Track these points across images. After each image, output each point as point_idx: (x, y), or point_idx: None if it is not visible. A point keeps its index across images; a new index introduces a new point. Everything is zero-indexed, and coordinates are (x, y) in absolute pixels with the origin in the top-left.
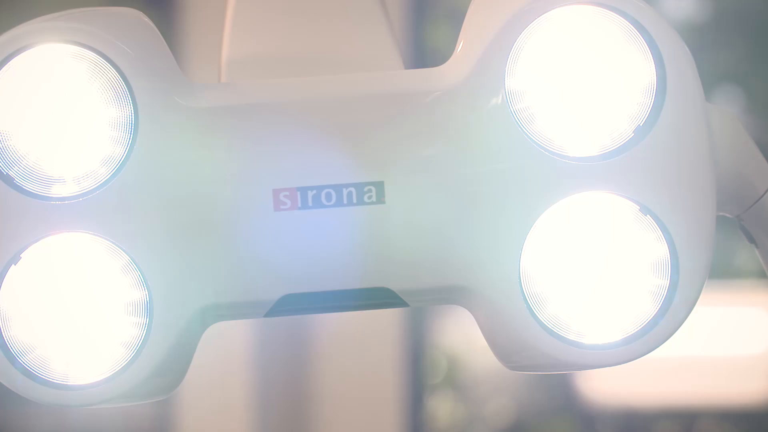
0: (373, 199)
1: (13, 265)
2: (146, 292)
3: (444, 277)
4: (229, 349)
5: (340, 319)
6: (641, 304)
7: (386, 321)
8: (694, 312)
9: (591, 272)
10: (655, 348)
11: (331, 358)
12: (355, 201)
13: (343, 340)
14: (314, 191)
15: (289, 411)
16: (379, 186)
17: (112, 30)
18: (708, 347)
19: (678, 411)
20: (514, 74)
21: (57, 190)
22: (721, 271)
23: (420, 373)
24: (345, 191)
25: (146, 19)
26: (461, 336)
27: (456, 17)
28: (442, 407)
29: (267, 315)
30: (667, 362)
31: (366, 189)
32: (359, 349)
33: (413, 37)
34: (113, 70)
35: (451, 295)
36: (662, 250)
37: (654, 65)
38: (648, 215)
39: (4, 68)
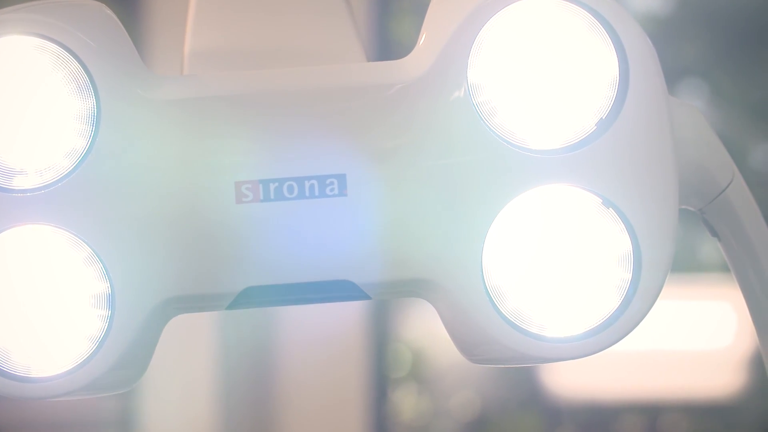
0: (335, 191)
1: None
2: (108, 285)
3: (406, 270)
4: (193, 341)
5: (304, 312)
6: (604, 297)
7: (351, 314)
8: (659, 306)
9: (553, 265)
10: (618, 341)
11: (295, 351)
12: (317, 193)
13: (307, 334)
14: (276, 184)
15: (253, 403)
16: (341, 179)
17: (74, 22)
18: (673, 341)
19: (642, 405)
20: (476, 67)
21: (19, 183)
22: (687, 264)
23: (384, 366)
24: (307, 184)
25: (109, 11)
26: (426, 329)
27: (420, 10)
28: (406, 400)
29: (229, 307)
30: (631, 356)
31: (328, 182)
32: (323, 343)
33: (377, 30)
34: (75, 62)
35: (413, 288)
36: (624, 243)
37: (616, 58)
38: (610, 208)
39: None
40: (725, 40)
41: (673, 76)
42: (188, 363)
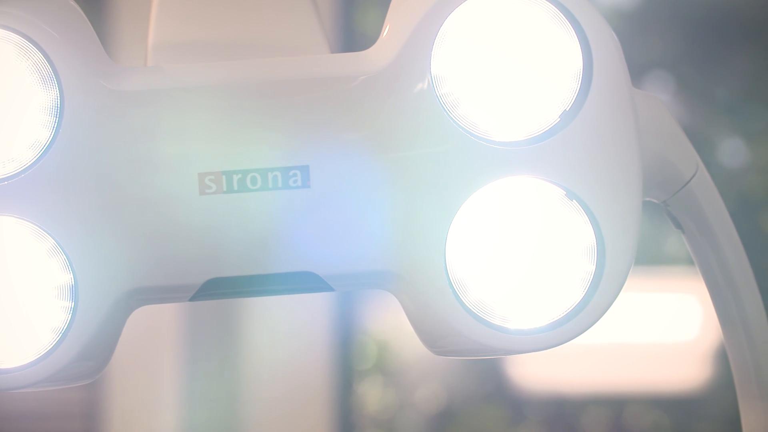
0: (299, 183)
1: None
2: (72, 276)
3: (369, 262)
4: (157, 333)
5: (269, 305)
6: (567, 289)
7: (316, 306)
8: (625, 299)
9: (517, 257)
10: (581, 333)
11: (260, 343)
12: (280, 185)
13: (273, 326)
14: (239, 175)
15: (218, 395)
16: (305, 170)
17: (37, 13)
18: (638, 334)
19: (608, 397)
20: (440, 59)
21: None
22: (653, 257)
23: (349, 358)
24: (270, 175)
25: (73, 2)
26: (392, 322)
27: (384, 2)
28: (371, 393)
29: (192, 299)
30: (597, 349)
31: (291, 173)
32: (289, 335)
33: (342, 22)
34: (39, 54)
35: (376, 279)
36: (588, 235)
37: (580, 50)
38: (574, 200)
39: None
40: (691, 34)
41: (640, 70)
42: (153, 355)
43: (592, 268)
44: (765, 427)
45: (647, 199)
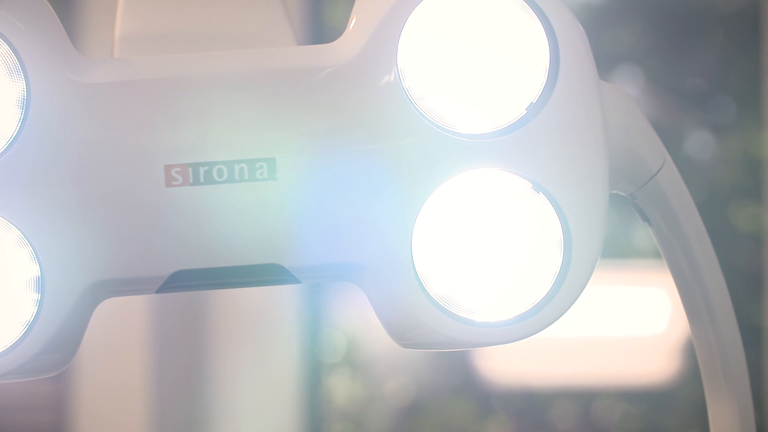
0: (265, 175)
1: None
2: (38, 268)
3: (335, 254)
4: (126, 325)
5: (237, 297)
6: (534, 281)
7: (285, 299)
8: (595, 292)
9: (483, 249)
10: (548, 326)
11: (229, 336)
12: (246, 177)
13: (241, 319)
14: (206, 167)
15: (187, 388)
16: (271, 162)
17: (3, 5)
18: (608, 327)
19: (576, 390)
20: (406, 51)
21: None
22: (622, 251)
23: (318, 351)
24: (237, 167)
25: None
26: (360, 315)
27: None
28: (340, 386)
29: (159, 291)
30: (566, 342)
31: (258, 165)
32: (257, 328)
33: (310, 15)
34: (5, 45)
35: (342, 272)
36: (555, 228)
37: (547, 43)
38: (540, 192)
39: None
40: (660, 27)
41: (609, 64)
42: (121, 347)
43: (559, 260)
44: (732, 419)
45: (614, 191)
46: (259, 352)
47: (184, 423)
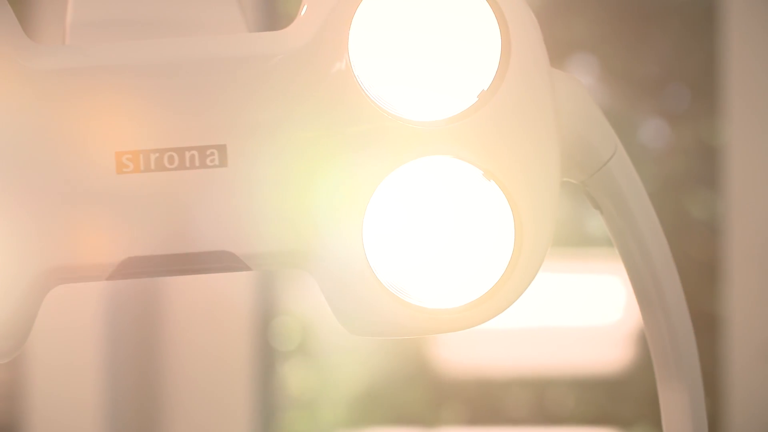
0: (216, 162)
1: None
2: None
3: (286, 242)
4: (78, 312)
5: (190, 285)
6: (485, 269)
7: (239, 287)
8: (549, 281)
9: (434, 237)
10: (499, 314)
11: (182, 323)
12: (197, 164)
13: (194, 306)
14: (157, 154)
15: (140, 375)
16: (222, 149)
17: None
18: (562, 316)
19: (530, 379)
20: (358, 38)
21: None
22: (578, 239)
23: (272, 339)
24: (187, 154)
25: None
26: (315, 303)
27: None
28: (294, 374)
29: (109, 278)
30: (520, 332)
31: (209, 152)
32: (210, 316)
33: (262, 1)
34: None
35: (293, 259)
36: (506, 216)
37: (498, 30)
38: (492, 180)
39: None
40: (614, 15)
41: (563, 52)
42: (74, 334)
43: (510, 248)
44: (682, 408)
45: (565, 179)
46: (213, 339)
47: (138, 410)
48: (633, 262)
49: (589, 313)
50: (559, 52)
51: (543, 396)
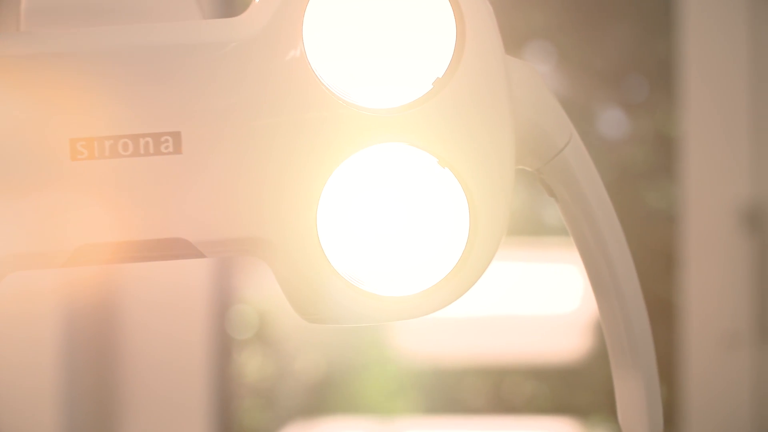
0: (170, 149)
1: None
2: None
3: (240, 229)
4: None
5: (147, 272)
6: (440, 257)
7: (195, 275)
8: (506, 269)
9: (389, 224)
10: (453, 301)
11: (138, 311)
12: (152, 151)
13: (151, 295)
14: (111, 141)
15: (96, 364)
16: (176, 137)
17: None
18: (519, 305)
19: (488, 368)
20: (312, 25)
21: None
22: (536, 227)
23: (228, 328)
24: (142, 141)
25: None
26: (272, 291)
27: None
28: (251, 362)
29: (64, 265)
30: (478, 321)
31: (163, 139)
32: (167, 304)
33: None
34: None
35: (248, 246)
36: (460, 203)
37: (453, 17)
38: (446, 167)
39: None
40: (572, 4)
41: (521, 40)
42: (29, 321)
43: (464, 236)
44: (638, 396)
45: (520, 166)
46: (170, 327)
47: (94, 397)
48: (588, 250)
49: (546, 303)
50: (517, 41)
51: (500, 385)
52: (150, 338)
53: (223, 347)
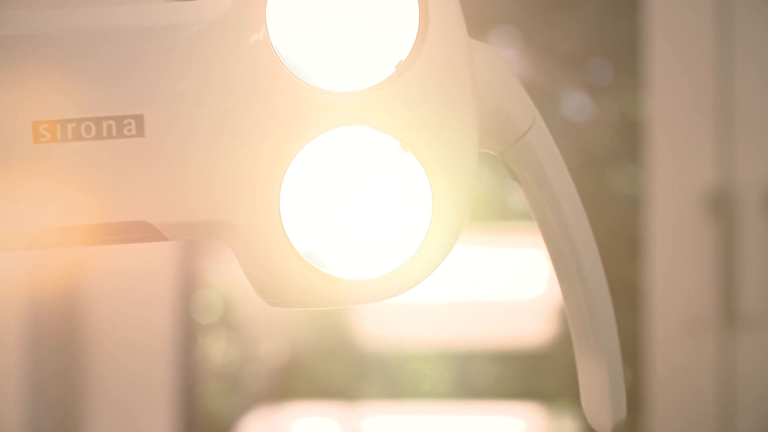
0: (133, 132)
1: None
2: None
3: (203, 212)
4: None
5: (112, 256)
6: (402, 240)
7: (160, 260)
8: (472, 254)
9: (352, 208)
10: (415, 285)
11: (103, 296)
12: (115, 134)
13: (116, 278)
14: (74, 124)
15: (61, 348)
16: (139, 119)
17: None
18: (485, 290)
19: (451, 353)
20: (275, 8)
21: None
22: (501, 212)
23: (193, 312)
24: (105, 124)
25: None
26: (236, 275)
27: None
28: (215, 347)
29: (27, 248)
30: (442, 305)
31: (126, 122)
32: (131, 288)
33: None
34: None
35: (210, 229)
36: (423, 187)
37: (417, 1)
38: (409, 151)
39: None
40: None
41: (486, 24)
42: None
43: (427, 219)
44: (600, 381)
45: (484, 150)
46: (134, 312)
47: (59, 382)
48: (551, 235)
49: (511, 288)
50: (482, 25)
51: (464, 370)
52: (114, 324)
53: (188, 332)
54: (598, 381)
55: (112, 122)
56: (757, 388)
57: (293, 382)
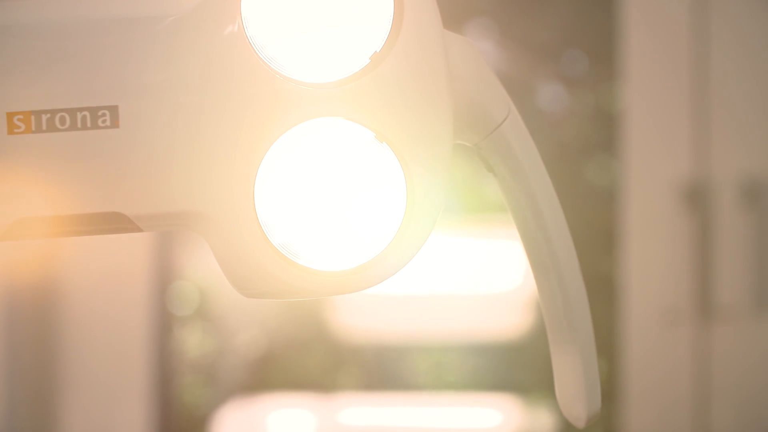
0: (108, 123)
1: None
2: None
3: (177, 203)
4: None
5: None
6: (376, 231)
7: (136, 252)
8: (448, 246)
9: (326, 198)
10: (389, 277)
11: (78, 288)
12: (89, 125)
13: (91, 270)
14: (48, 115)
15: (36, 341)
16: (114, 110)
17: None
18: (461, 282)
19: (428, 346)
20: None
21: None
22: (479, 204)
23: (169, 304)
24: (79, 115)
25: None
26: (212, 267)
27: None
28: (191, 338)
29: (1, 239)
30: (419, 297)
31: (100, 113)
32: (107, 280)
33: None
34: None
35: (185, 220)
36: (397, 178)
37: None
38: (383, 142)
39: None
40: None
41: (462, 17)
42: None
43: (401, 211)
44: (575, 373)
45: (459, 141)
46: (110, 304)
47: (35, 376)
48: (526, 226)
49: (487, 280)
50: (457, 17)
51: (441, 362)
52: (90, 315)
53: (164, 324)
54: (572, 373)
55: (86, 113)
56: (732, 379)
57: (269, 374)
